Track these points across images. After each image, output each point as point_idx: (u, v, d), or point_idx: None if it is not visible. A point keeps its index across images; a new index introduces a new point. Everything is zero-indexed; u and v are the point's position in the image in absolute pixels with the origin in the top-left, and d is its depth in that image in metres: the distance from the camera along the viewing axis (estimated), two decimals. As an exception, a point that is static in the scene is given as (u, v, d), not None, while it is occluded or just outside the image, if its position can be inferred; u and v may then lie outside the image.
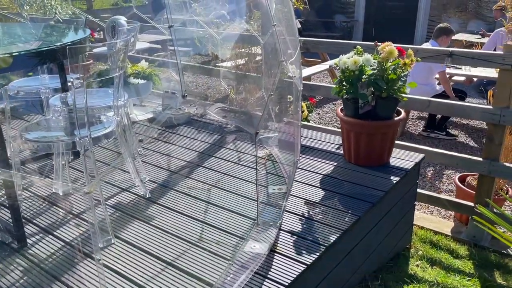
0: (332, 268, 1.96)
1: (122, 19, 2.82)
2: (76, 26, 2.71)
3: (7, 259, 1.80)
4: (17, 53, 1.69)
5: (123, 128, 2.29)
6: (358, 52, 2.52)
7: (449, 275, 2.56)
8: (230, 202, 2.23)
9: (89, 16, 3.91)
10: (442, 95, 4.81)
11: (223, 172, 2.57)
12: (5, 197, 2.07)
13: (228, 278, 1.66)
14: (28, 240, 1.91)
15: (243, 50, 4.46)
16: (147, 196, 2.29)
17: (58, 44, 1.88)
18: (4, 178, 1.82)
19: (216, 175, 2.53)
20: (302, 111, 3.90)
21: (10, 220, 1.89)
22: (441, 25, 4.97)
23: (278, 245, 1.87)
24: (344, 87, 2.50)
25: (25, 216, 2.11)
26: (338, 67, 2.52)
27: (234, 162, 2.71)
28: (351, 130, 2.55)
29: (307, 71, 6.04)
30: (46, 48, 1.81)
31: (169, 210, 2.16)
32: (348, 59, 2.44)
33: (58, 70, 2.62)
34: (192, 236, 1.94)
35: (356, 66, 2.41)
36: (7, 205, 1.87)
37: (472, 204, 2.90)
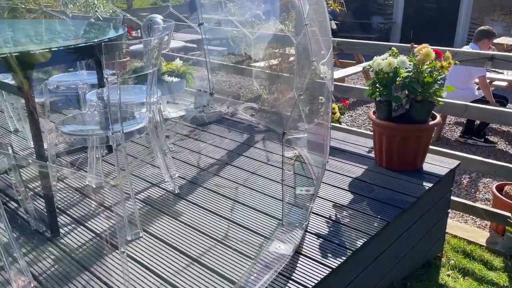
0: (359, 273, 1.92)
1: (159, 18, 2.87)
2: (114, 24, 2.78)
3: (40, 247, 1.87)
4: (56, 49, 1.75)
5: (155, 124, 2.33)
6: (393, 53, 2.47)
7: (482, 287, 2.46)
8: (257, 201, 2.23)
9: (127, 15, 4.01)
10: (482, 100, 4.64)
11: (251, 171, 2.58)
12: (41, 187, 2.15)
13: (252, 277, 1.66)
14: (60, 230, 1.98)
15: (277, 50, 4.45)
16: (176, 192, 2.32)
17: (95, 40, 1.94)
18: (40, 169, 1.89)
19: (244, 174, 2.54)
20: (334, 113, 3.86)
21: (45, 210, 1.97)
22: (482, 27, 4.79)
23: (304, 247, 1.86)
24: (378, 89, 2.45)
25: (59, 206, 2.18)
26: (372, 69, 2.47)
27: (262, 162, 2.71)
28: (383, 133, 2.50)
29: (341, 73, 5.99)
30: (82, 45, 1.87)
31: (196, 206, 2.19)
32: (382, 61, 2.39)
33: (95, 66, 2.70)
34: (218, 234, 1.95)
35: (390, 68, 2.35)
36: (42, 195, 1.94)
37: (509, 214, 2.78)
